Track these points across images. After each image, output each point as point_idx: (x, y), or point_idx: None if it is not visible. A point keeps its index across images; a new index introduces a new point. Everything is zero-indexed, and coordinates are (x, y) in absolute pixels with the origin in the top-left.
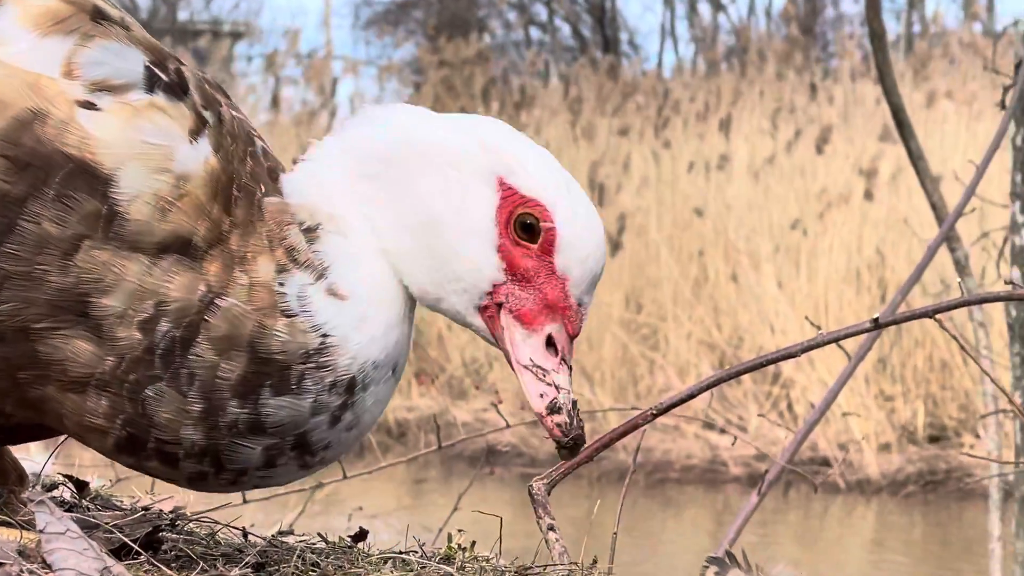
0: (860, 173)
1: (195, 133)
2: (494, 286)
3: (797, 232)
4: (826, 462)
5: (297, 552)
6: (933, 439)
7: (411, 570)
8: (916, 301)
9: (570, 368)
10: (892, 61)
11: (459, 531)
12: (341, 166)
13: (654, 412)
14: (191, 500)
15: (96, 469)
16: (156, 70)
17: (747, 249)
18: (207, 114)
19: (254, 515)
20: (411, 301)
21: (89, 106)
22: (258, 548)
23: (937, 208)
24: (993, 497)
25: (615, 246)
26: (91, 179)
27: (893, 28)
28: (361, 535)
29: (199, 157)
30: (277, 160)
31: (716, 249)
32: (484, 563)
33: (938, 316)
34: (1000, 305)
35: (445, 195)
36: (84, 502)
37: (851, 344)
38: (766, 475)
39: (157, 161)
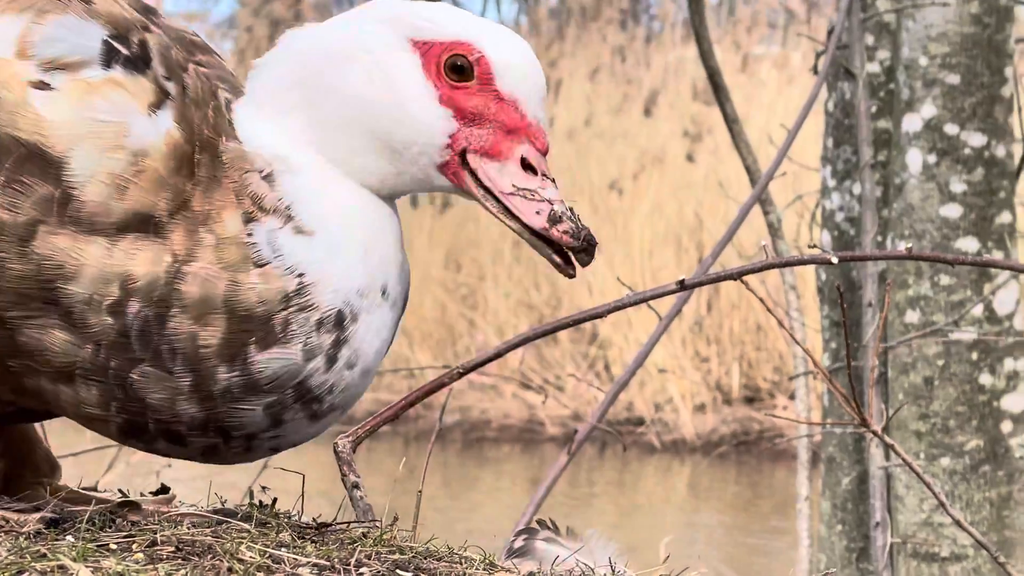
0: (685, 135)
1: (155, 106)
2: (450, 136)
3: (616, 194)
4: (642, 422)
5: (93, 506)
6: (748, 400)
7: (208, 526)
8: (732, 263)
9: (553, 180)
10: (713, 25)
11: (263, 488)
12: (271, 100)
13: (460, 371)
14: None
15: None
16: (116, 44)
17: None
18: (170, 85)
19: (73, 472)
20: (394, 220)
21: (42, 86)
22: (53, 504)
23: (751, 171)
24: (801, 458)
25: (444, 204)
26: (42, 163)
27: None
28: (162, 491)
29: (159, 130)
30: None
31: None
32: (286, 520)
33: (745, 278)
34: (813, 268)
35: (369, 79)
36: None
37: (667, 306)
38: (576, 435)
39: (109, 139)
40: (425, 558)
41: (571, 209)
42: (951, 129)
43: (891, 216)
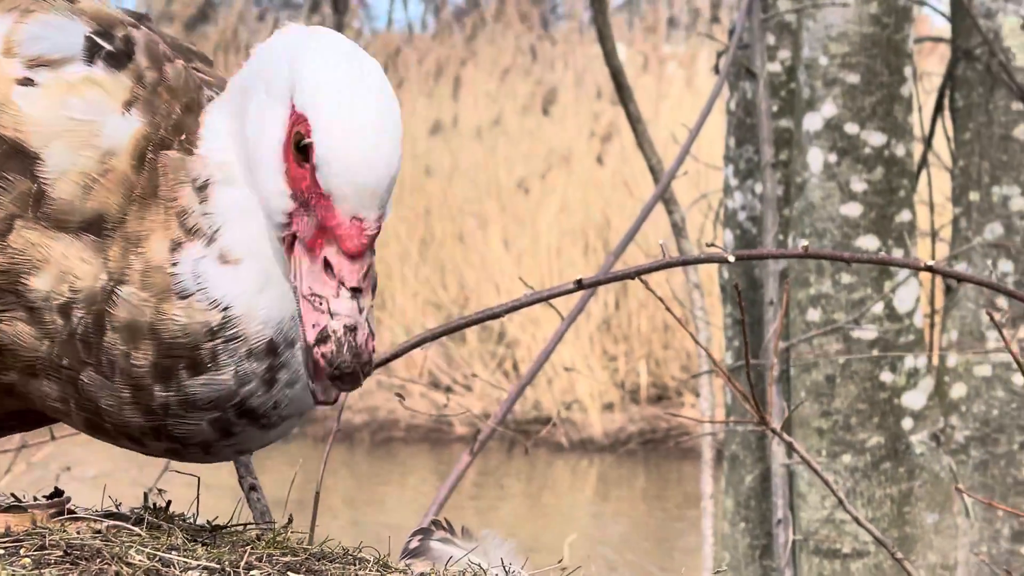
0: (591, 135)
1: (130, 104)
2: (288, 215)
3: (524, 193)
4: (549, 420)
5: None
6: (656, 398)
7: (99, 531)
8: (639, 262)
9: (355, 289)
10: (620, 23)
11: (159, 491)
12: (230, 102)
13: None
14: None
15: None
16: (98, 39)
17: (474, 209)
18: (149, 73)
19: None
20: None
21: (27, 83)
22: None
23: (655, 171)
24: (705, 456)
25: None
26: (22, 158)
27: None
28: (56, 495)
29: (129, 128)
30: None
31: (443, 209)
32: (180, 523)
33: (650, 277)
34: (717, 266)
35: (254, 120)
36: None
37: (572, 305)
38: (478, 435)
39: (83, 137)
40: (318, 560)
41: (352, 327)
42: (851, 128)
43: (792, 215)
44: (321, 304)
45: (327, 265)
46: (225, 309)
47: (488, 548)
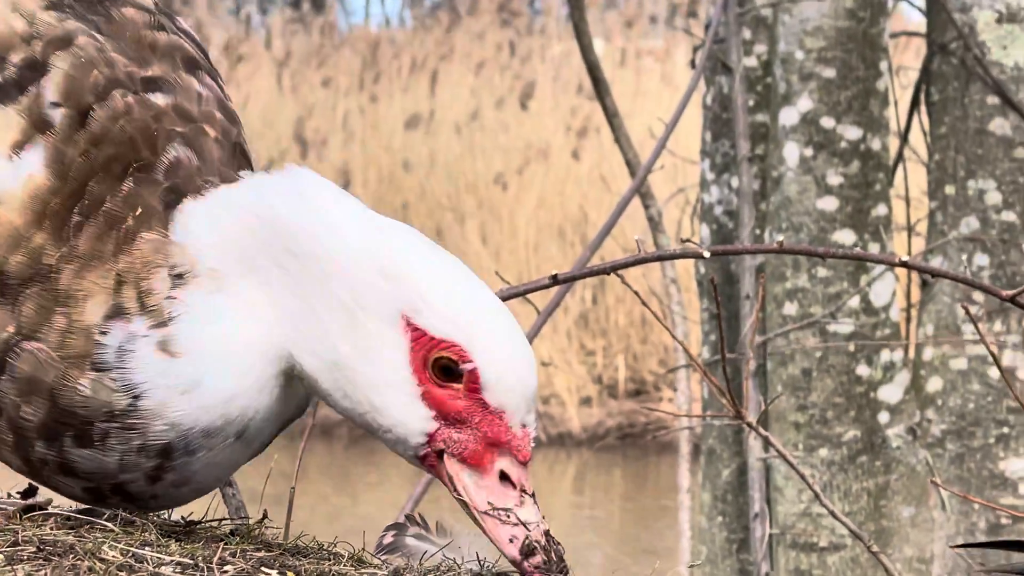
0: (568, 130)
1: (20, 145)
2: (428, 435)
3: (501, 187)
4: None
5: None
6: (635, 393)
7: (72, 526)
8: (616, 256)
9: (532, 495)
10: (599, 18)
11: None
12: (248, 226)
13: None
14: None
15: None
16: None
17: (451, 204)
18: (58, 113)
19: None
20: (291, 376)
21: None
22: None
23: (632, 165)
24: (682, 450)
25: None
26: None
27: None
28: (30, 492)
29: (19, 174)
30: (199, 181)
31: (421, 203)
32: (155, 518)
33: (626, 272)
34: (694, 261)
35: (350, 338)
36: None
37: (548, 300)
38: None
39: None
40: (293, 555)
41: (547, 533)
42: (827, 123)
43: (769, 209)
44: (508, 516)
45: (503, 476)
46: (136, 397)
47: (462, 543)
